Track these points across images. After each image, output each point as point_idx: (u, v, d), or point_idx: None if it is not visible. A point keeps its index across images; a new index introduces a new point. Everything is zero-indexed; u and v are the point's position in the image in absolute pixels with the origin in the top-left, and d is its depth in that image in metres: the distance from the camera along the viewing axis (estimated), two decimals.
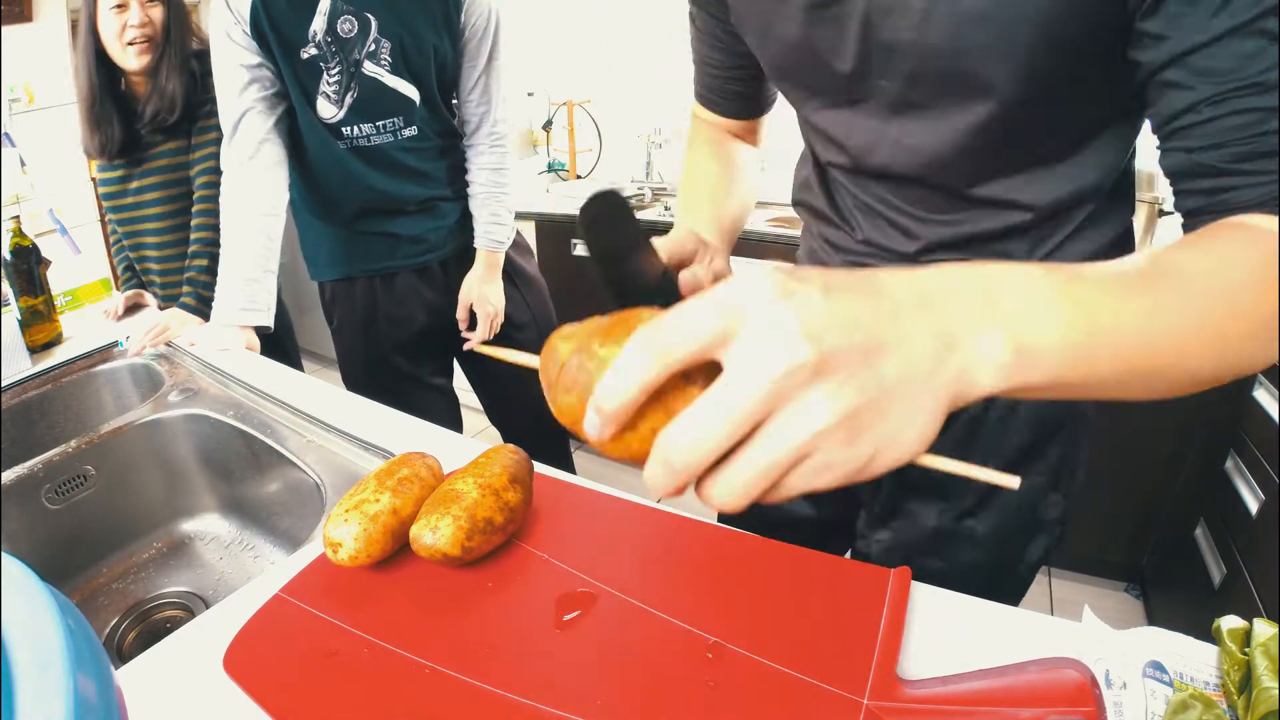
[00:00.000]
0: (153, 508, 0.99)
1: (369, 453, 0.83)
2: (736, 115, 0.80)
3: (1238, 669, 0.46)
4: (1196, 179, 0.46)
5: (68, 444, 0.91)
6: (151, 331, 1.18)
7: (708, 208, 0.74)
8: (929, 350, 0.30)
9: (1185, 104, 0.45)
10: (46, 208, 2.61)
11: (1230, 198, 0.44)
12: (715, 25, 0.71)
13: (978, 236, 0.63)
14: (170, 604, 0.89)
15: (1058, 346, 0.33)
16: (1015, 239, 0.62)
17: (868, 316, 0.29)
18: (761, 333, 0.28)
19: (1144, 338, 0.36)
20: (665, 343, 0.29)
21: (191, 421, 0.97)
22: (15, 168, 2.54)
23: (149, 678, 0.52)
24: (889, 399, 0.29)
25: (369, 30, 1.17)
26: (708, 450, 0.29)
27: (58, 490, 0.90)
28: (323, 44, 1.16)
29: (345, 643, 0.53)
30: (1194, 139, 0.45)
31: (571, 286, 2.34)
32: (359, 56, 1.18)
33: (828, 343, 0.28)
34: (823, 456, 0.29)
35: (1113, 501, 1.81)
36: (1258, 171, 0.43)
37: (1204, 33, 0.42)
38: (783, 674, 0.49)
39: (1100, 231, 0.63)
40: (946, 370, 0.31)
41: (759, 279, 0.29)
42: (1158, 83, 0.46)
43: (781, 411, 0.28)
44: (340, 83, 1.19)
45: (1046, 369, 0.33)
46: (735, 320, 0.29)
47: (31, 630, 0.27)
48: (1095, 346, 0.34)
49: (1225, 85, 0.43)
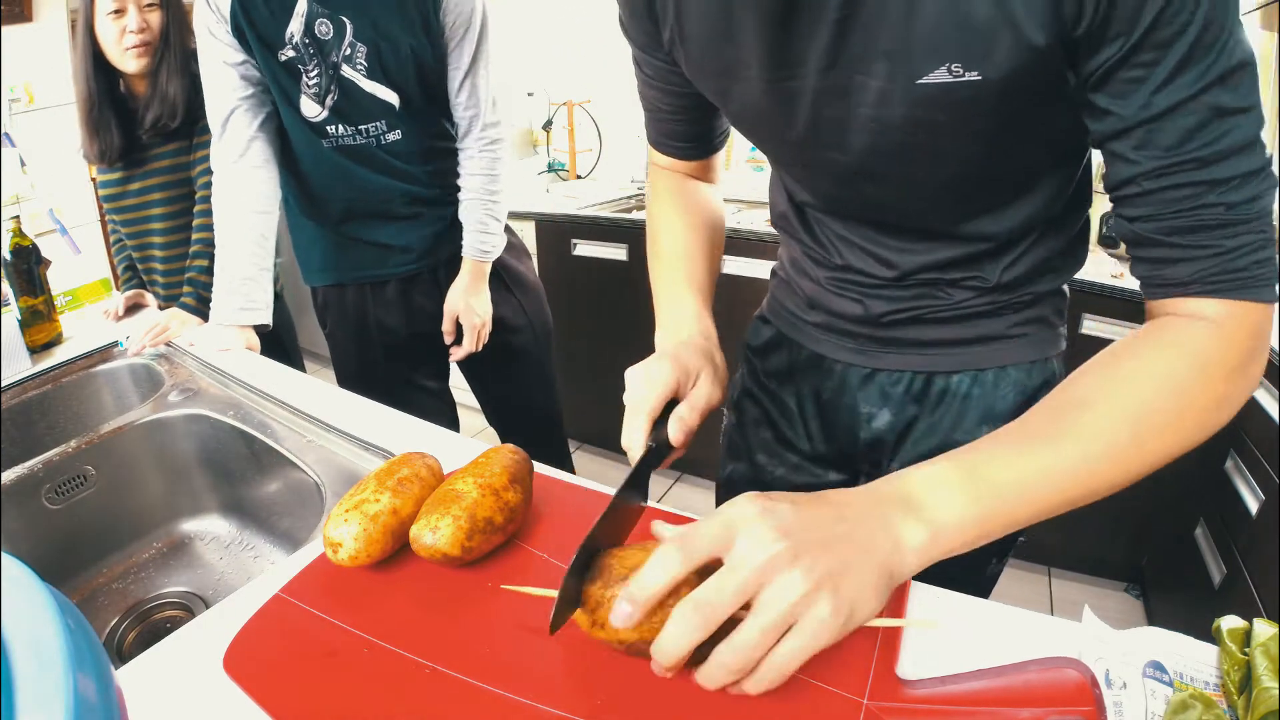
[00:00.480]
0: (153, 508, 0.99)
1: (369, 453, 0.83)
2: (691, 156, 0.80)
3: (1238, 669, 0.46)
4: (1140, 247, 0.49)
5: (68, 444, 0.91)
6: (151, 331, 1.18)
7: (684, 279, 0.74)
8: (868, 542, 0.41)
9: (1127, 175, 0.47)
10: (46, 208, 2.61)
11: (1168, 272, 0.47)
12: (664, 70, 0.69)
13: (953, 262, 0.66)
14: (170, 604, 0.89)
15: (967, 521, 0.43)
16: (985, 261, 0.66)
17: (825, 520, 0.42)
18: (752, 536, 0.40)
19: (1048, 482, 0.44)
20: (690, 548, 0.41)
21: (191, 421, 0.97)
22: (15, 168, 2.54)
23: (149, 678, 0.52)
24: (848, 572, 0.40)
25: (344, 34, 1.14)
26: (718, 614, 0.39)
27: (58, 490, 0.90)
28: (300, 46, 1.14)
29: (345, 643, 0.53)
30: (1134, 209, 0.47)
31: (572, 287, 2.34)
32: (337, 59, 1.15)
33: (797, 538, 0.40)
34: (811, 617, 0.39)
35: (1113, 501, 1.80)
36: (1191, 245, 0.45)
37: (1147, 109, 0.44)
38: None
39: (1058, 237, 0.66)
40: (882, 552, 0.42)
41: (748, 504, 0.42)
42: (1105, 150, 0.48)
43: (769, 587, 0.39)
44: (320, 84, 1.17)
45: (960, 535, 0.44)
46: (733, 531, 0.41)
47: (31, 630, 0.27)
48: (1001, 503, 0.44)
49: (1165, 160, 0.44)
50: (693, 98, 0.71)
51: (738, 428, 0.90)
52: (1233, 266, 0.45)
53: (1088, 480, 0.45)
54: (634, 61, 0.73)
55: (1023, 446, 0.45)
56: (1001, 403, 0.71)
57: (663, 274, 0.76)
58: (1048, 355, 0.71)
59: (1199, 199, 0.44)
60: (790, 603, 0.39)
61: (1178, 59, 0.41)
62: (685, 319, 0.69)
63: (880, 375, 0.75)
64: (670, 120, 0.76)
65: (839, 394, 0.78)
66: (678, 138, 0.78)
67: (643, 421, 0.56)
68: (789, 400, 0.83)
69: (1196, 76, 0.42)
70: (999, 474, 0.44)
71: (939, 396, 0.73)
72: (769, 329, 0.86)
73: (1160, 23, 0.41)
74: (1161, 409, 0.45)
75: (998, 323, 0.69)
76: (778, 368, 0.85)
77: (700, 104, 0.72)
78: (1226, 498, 1.44)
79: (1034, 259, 0.66)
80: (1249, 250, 0.45)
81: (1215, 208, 0.44)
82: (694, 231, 0.77)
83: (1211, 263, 0.45)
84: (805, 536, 0.40)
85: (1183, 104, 0.42)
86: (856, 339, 0.75)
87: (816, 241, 0.75)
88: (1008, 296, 0.68)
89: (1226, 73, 0.42)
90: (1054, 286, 0.69)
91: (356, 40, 1.14)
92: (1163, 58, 0.42)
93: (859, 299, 0.73)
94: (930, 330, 0.71)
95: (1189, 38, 0.41)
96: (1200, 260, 0.45)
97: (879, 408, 0.76)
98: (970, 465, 0.45)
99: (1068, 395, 0.47)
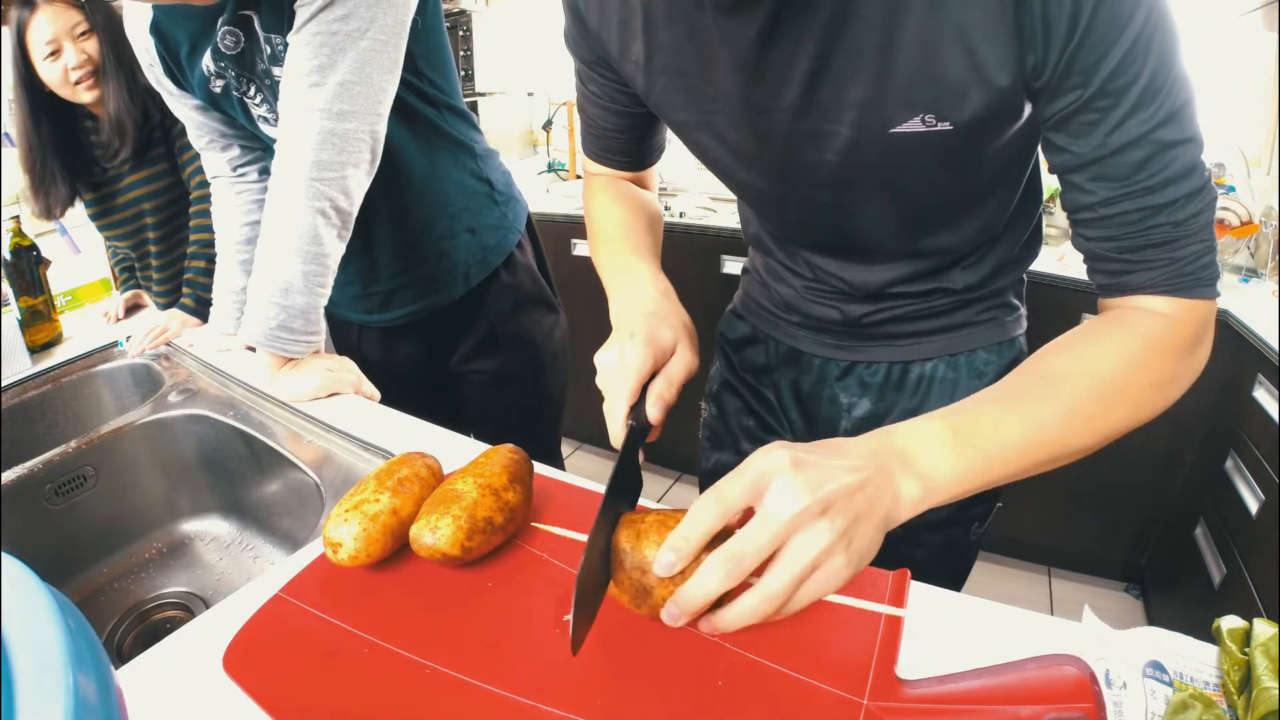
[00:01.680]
0: (153, 508, 0.99)
1: (369, 453, 0.83)
2: (629, 169, 0.80)
3: (1238, 669, 0.46)
4: (1098, 261, 0.55)
5: (68, 444, 0.91)
6: (151, 333, 1.18)
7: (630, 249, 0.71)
8: (875, 494, 0.44)
9: (1084, 203, 0.52)
10: None
11: (1128, 280, 0.53)
12: (610, 88, 0.70)
13: (917, 275, 0.71)
14: (170, 604, 0.89)
15: (956, 475, 0.47)
16: (948, 270, 0.71)
17: (843, 471, 0.44)
18: (784, 489, 0.42)
19: (1028, 442, 0.48)
20: (725, 500, 0.43)
21: (191, 421, 0.97)
22: (15, 168, 2.54)
23: (149, 678, 0.52)
24: (861, 523, 0.43)
25: (254, 33, 0.92)
26: (750, 564, 0.42)
27: (58, 490, 0.90)
28: (221, 71, 0.96)
29: (345, 643, 0.53)
30: (1091, 230, 0.53)
31: (572, 287, 2.34)
32: (264, 65, 0.94)
33: (824, 490, 0.42)
34: (830, 566, 0.42)
35: (1113, 501, 1.81)
36: (1145, 260, 0.51)
37: (1102, 148, 0.49)
38: (783, 674, 0.49)
39: (1015, 234, 0.72)
40: (885, 505, 0.45)
41: (780, 453, 0.43)
42: (1062, 179, 0.53)
43: (797, 536, 0.42)
44: (266, 97, 0.98)
45: (950, 490, 0.47)
46: (765, 483, 0.43)
47: (31, 630, 0.27)
48: (987, 462, 0.47)
49: (1117, 190, 0.50)
50: (636, 116, 0.72)
51: (719, 418, 0.91)
52: (1182, 272, 0.51)
53: (1061, 442, 0.49)
54: (576, 75, 0.72)
55: (1006, 408, 0.49)
56: (977, 382, 0.76)
57: (607, 250, 0.73)
58: (1013, 336, 0.77)
59: (1148, 220, 0.50)
60: (817, 552, 0.41)
61: (1130, 104, 0.46)
62: (641, 282, 0.66)
63: (859, 367, 0.78)
64: (610, 136, 0.76)
65: (819, 385, 0.81)
66: (617, 151, 0.78)
67: (623, 407, 0.56)
68: (768, 393, 0.86)
69: (1147, 118, 0.46)
70: (985, 433, 0.48)
71: (916, 383, 0.77)
72: (744, 324, 0.87)
73: (1115, 74, 0.45)
74: (1121, 383, 0.50)
75: (967, 312, 0.75)
76: (755, 362, 0.86)
77: (642, 122, 0.73)
78: (1226, 498, 1.44)
79: (996, 259, 0.72)
80: (1195, 258, 0.51)
81: (1163, 227, 0.50)
82: (635, 214, 0.75)
83: (1163, 271, 0.51)
84: (830, 489, 0.42)
85: (1134, 142, 0.47)
86: (835, 334, 0.78)
87: (790, 258, 0.77)
88: (975, 294, 0.73)
89: (1172, 112, 0.47)
90: (1014, 278, 0.76)
91: (267, 31, 0.91)
92: (1117, 104, 0.46)
93: (835, 306, 0.76)
94: (906, 325, 0.75)
95: (1140, 85, 0.45)
96: (1153, 270, 0.51)
97: (859, 397, 0.79)
98: (958, 424, 0.48)
99: (1042, 366, 0.52)
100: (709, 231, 2.11)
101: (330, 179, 0.88)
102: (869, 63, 0.51)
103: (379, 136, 0.91)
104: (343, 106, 0.86)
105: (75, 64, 1.20)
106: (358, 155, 0.89)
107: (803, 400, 0.83)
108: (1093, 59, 0.45)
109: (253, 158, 1.14)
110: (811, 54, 0.52)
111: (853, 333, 0.76)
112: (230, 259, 1.15)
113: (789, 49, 0.52)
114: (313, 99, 0.86)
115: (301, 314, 0.91)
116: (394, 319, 1.17)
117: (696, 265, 2.15)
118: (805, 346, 0.80)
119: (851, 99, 0.53)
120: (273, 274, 0.90)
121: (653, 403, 0.57)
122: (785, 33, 0.51)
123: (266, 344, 0.92)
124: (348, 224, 0.92)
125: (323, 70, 0.85)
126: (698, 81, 0.59)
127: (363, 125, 0.88)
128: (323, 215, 0.88)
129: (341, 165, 0.88)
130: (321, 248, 0.90)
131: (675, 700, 0.47)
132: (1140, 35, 0.44)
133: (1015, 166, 0.64)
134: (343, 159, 0.88)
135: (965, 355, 0.75)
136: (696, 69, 0.59)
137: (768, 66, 0.54)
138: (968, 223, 0.67)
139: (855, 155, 0.57)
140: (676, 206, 2.26)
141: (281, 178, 0.88)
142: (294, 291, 0.89)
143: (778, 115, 0.57)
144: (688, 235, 2.14)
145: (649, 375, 0.57)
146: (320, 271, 0.91)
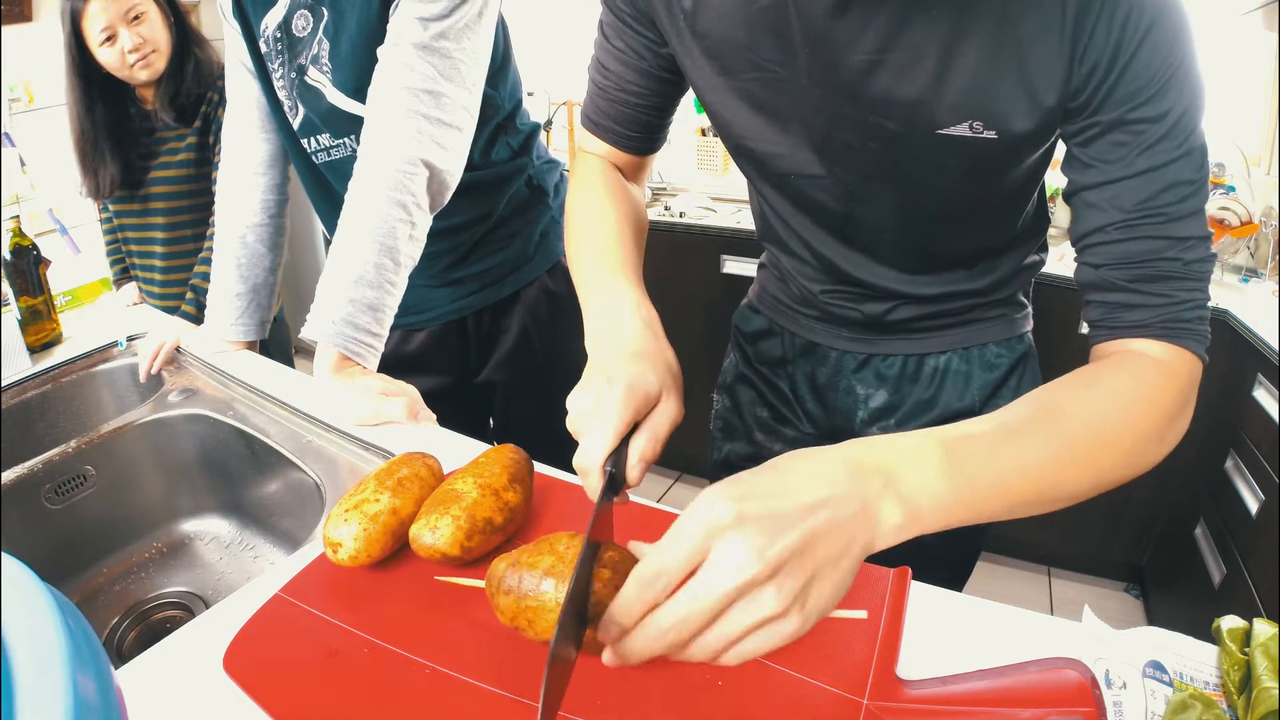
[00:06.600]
0: (153, 508, 0.99)
1: (369, 453, 0.83)
2: (632, 149, 0.74)
3: (1238, 669, 0.46)
4: (1100, 291, 0.54)
5: (68, 444, 0.91)
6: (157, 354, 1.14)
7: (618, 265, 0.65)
8: (846, 535, 0.39)
9: (1098, 224, 0.52)
10: (46, 208, 2.61)
11: (1125, 315, 0.53)
12: (641, 42, 0.65)
13: (934, 279, 0.72)
14: (170, 604, 0.89)
15: (942, 503, 0.42)
16: (966, 276, 0.72)
17: (804, 515, 0.38)
18: (726, 556, 0.37)
19: (1021, 479, 0.45)
20: (664, 571, 0.38)
21: (191, 421, 0.97)
22: (15, 168, 2.54)
23: (149, 678, 0.52)
24: (822, 574, 0.38)
25: (318, 28, 0.93)
26: (689, 631, 0.37)
27: (58, 490, 0.90)
28: (271, 40, 0.97)
29: (345, 643, 0.53)
30: (1101, 257, 0.53)
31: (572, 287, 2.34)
32: (304, 62, 0.95)
33: (774, 551, 0.37)
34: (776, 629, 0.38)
35: (1113, 502, 1.81)
36: (1152, 294, 0.51)
37: (1127, 170, 0.50)
38: (783, 674, 0.49)
39: (1028, 240, 0.74)
40: (859, 542, 0.40)
41: (722, 508, 0.38)
42: (1077, 200, 0.53)
43: (740, 604, 0.37)
44: (288, 90, 1.00)
45: (933, 519, 0.42)
46: (708, 546, 0.37)
47: (31, 630, 0.27)
48: (976, 493, 0.43)
49: (1134, 215, 0.51)
50: (661, 82, 0.68)
51: (733, 409, 0.91)
52: (1181, 316, 0.51)
53: (1052, 481, 0.46)
54: (601, 30, 0.67)
55: (999, 439, 0.46)
56: (988, 374, 0.78)
57: (590, 258, 0.67)
58: (1022, 331, 0.79)
59: (1161, 252, 0.50)
60: (758, 620, 0.37)
61: (1162, 132, 0.48)
62: (624, 312, 0.58)
63: (875, 359, 0.79)
64: (624, 103, 0.70)
65: (835, 377, 0.82)
66: (625, 123, 0.72)
67: (598, 459, 0.48)
68: (783, 385, 0.86)
69: (1173, 148, 0.48)
70: (977, 463, 0.44)
71: (931, 374, 0.78)
72: (760, 318, 0.87)
73: (1152, 100, 0.48)
74: (1120, 429, 0.49)
75: (979, 310, 0.77)
76: (771, 355, 0.87)
77: (663, 89, 0.69)
78: (1226, 498, 1.44)
79: (1010, 264, 0.74)
80: (1194, 306, 0.51)
81: (1174, 261, 0.50)
82: (625, 221, 0.69)
83: (1164, 311, 0.51)
84: (781, 548, 0.37)
85: (1158, 168, 0.49)
86: (852, 328, 0.79)
87: (814, 255, 0.76)
88: (988, 297, 0.76)
89: (1192, 150, 0.49)
90: (1024, 280, 0.78)
91: (324, 35, 0.93)
92: (1149, 129, 0.49)
93: (854, 306, 0.76)
94: (921, 321, 0.76)
95: (1173, 117, 0.48)
96: (1155, 307, 0.51)
97: (875, 389, 0.80)
98: (951, 446, 0.44)
99: (1041, 402, 0.50)
100: (709, 231, 2.10)
101: (414, 174, 0.89)
102: (929, 62, 0.51)
103: (467, 144, 0.93)
104: (443, 116, 0.90)
105: (131, 46, 1.27)
106: (451, 162, 0.92)
107: (819, 391, 0.83)
108: (1132, 88, 0.48)
109: (279, 168, 1.15)
110: (877, 38, 0.52)
111: (871, 327, 0.78)
112: (229, 259, 1.15)
113: (856, 28, 0.52)
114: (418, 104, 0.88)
115: (369, 309, 0.87)
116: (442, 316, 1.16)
117: (696, 265, 2.14)
118: (822, 339, 0.81)
119: (904, 95, 0.54)
120: (345, 265, 0.87)
121: (635, 464, 0.49)
122: (856, 12, 0.52)
123: (329, 338, 0.86)
124: (424, 227, 0.92)
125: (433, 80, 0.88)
126: (743, 45, 0.58)
127: (460, 137, 0.92)
128: (403, 210, 0.89)
129: (430, 168, 0.90)
130: (396, 243, 0.89)
131: (675, 700, 0.47)
132: (1180, 68, 0.47)
133: (1033, 180, 0.65)
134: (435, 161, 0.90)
135: (978, 349, 0.77)
136: (744, 35, 0.58)
137: (830, 39, 0.54)
138: (987, 229, 0.69)
139: (897, 149, 0.58)
140: (676, 206, 2.26)
141: (368, 170, 0.89)
142: (365, 284, 0.87)
143: (829, 92, 0.57)
144: (688, 235, 2.13)
145: (629, 427, 0.49)
146: (393, 267, 0.89)
